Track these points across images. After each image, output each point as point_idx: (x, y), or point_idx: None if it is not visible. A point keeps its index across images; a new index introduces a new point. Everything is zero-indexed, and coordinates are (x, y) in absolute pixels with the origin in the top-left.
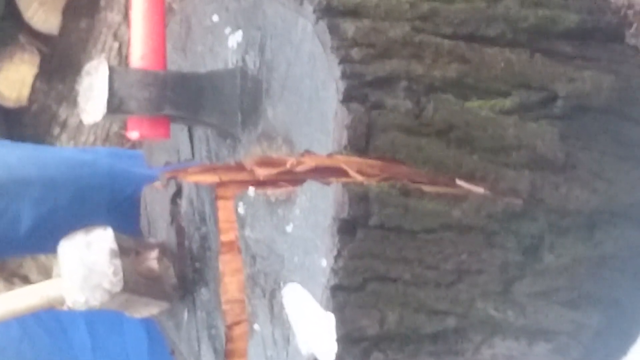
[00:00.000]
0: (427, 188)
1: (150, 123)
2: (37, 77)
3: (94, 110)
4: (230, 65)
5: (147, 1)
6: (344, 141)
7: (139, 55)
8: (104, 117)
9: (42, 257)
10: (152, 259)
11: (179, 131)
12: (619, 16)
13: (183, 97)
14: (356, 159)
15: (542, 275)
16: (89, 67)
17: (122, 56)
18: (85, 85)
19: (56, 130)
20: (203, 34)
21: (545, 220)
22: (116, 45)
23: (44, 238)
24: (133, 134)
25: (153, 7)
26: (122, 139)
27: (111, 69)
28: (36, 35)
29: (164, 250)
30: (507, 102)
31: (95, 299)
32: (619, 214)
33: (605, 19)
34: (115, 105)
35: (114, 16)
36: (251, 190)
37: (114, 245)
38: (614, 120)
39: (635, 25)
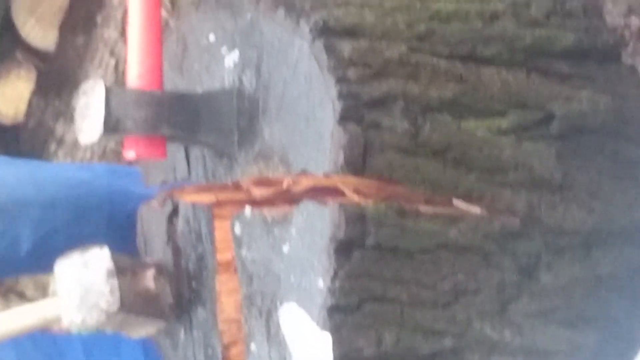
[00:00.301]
0: (423, 208)
1: (147, 143)
2: (34, 93)
3: (91, 130)
4: (226, 85)
5: (143, 20)
6: (341, 161)
7: (135, 74)
8: (101, 137)
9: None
10: (148, 278)
11: (176, 150)
12: (615, 36)
13: (180, 116)
14: (353, 179)
15: (539, 295)
16: (85, 86)
17: (119, 72)
18: (82, 105)
19: (53, 147)
20: (200, 53)
21: (542, 240)
22: (113, 61)
23: (43, 259)
24: (130, 154)
25: (150, 26)
26: (118, 155)
27: (108, 89)
28: (33, 52)
29: (160, 269)
30: (504, 122)
31: (92, 319)
32: (616, 234)
33: (602, 39)
34: (112, 125)
35: (110, 32)
36: (247, 209)
37: (111, 265)
38: (610, 140)
39: (631, 45)
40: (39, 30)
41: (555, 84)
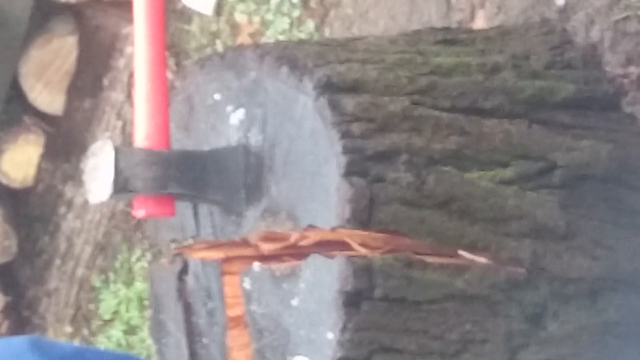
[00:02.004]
0: (430, 259)
1: (155, 201)
2: (43, 157)
3: (100, 190)
4: (233, 143)
5: (149, 81)
6: (347, 215)
7: (143, 134)
8: (110, 197)
9: (51, 335)
10: None
11: (184, 208)
12: (614, 85)
13: (187, 175)
14: (359, 232)
15: (547, 343)
16: (94, 147)
17: (126, 134)
18: (91, 165)
19: (62, 210)
20: (205, 112)
21: (548, 289)
22: (120, 124)
23: None
24: (139, 213)
25: (156, 86)
26: (127, 217)
27: (116, 149)
28: (41, 116)
29: None
30: (507, 173)
31: None
32: (621, 281)
33: (602, 89)
34: (121, 185)
35: (117, 95)
36: (256, 265)
37: None
38: (613, 188)
39: (631, 94)
40: (46, 95)
41: (557, 134)
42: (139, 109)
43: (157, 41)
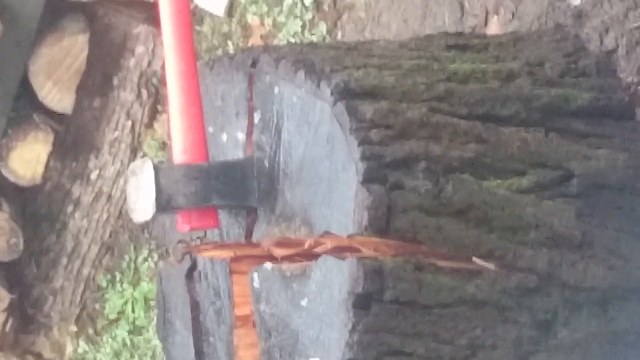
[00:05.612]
0: (441, 263)
1: (199, 215)
2: (51, 155)
3: (144, 209)
4: (242, 146)
5: (183, 96)
6: (365, 222)
7: (180, 149)
8: (154, 215)
9: (56, 334)
10: None
11: None
12: (629, 93)
13: (228, 185)
14: (375, 240)
15: (556, 350)
16: (133, 166)
17: (135, 134)
18: (132, 185)
19: (69, 209)
20: (214, 113)
21: (559, 296)
22: (129, 123)
23: None
24: (184, 228)
25: (190, 101)
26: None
27: (156, 168)
28: (50, 114)
29: None
30: (524, 181)
31: None
32: (633, 290)
33: (617, 97)
34: (163, 203)
35: (127, 95)
36: (267, 264)
37: None
38: (628, 198)
39: None
40: (56, 93)
41: (573, 143)
42: (174, 124)
43: (188, 55)
